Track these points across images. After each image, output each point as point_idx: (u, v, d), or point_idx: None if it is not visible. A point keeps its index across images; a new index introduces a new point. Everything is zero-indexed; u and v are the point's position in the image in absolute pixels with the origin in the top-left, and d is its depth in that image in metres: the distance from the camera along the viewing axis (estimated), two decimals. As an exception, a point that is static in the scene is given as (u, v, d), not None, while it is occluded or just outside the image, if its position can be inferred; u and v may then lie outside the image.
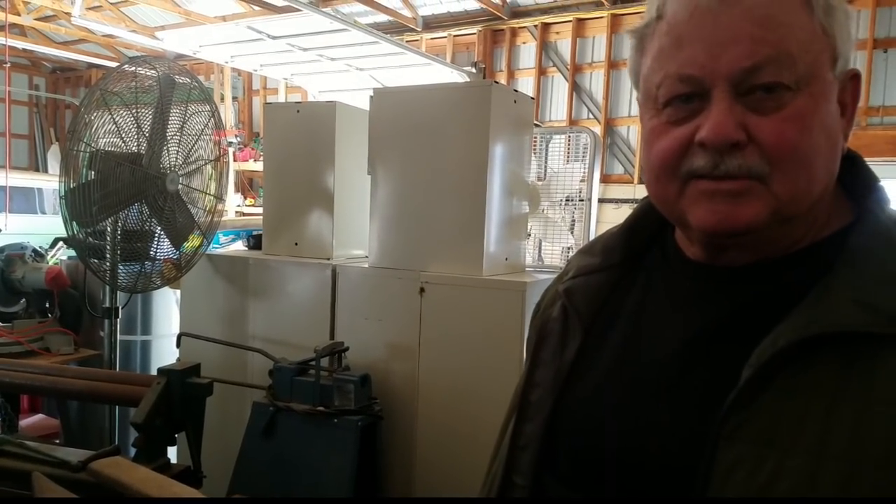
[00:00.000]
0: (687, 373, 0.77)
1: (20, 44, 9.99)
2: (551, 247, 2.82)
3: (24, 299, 3.51)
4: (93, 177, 2.26)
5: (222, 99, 9.18)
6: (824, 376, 0.67)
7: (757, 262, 0.78)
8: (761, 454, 0.67)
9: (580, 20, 7.35)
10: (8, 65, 7.54)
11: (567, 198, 2.74)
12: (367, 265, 2.54)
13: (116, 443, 2.67)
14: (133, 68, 2.38)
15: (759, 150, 0.71)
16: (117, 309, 2.65)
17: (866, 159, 0.83)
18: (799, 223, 0.76)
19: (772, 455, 0.67)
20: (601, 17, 7.21)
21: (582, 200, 2.74)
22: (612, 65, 7.16)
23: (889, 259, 0.71)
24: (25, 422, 3.70)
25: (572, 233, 2.77)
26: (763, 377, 0.69)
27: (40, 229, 6.93)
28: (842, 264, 0.72)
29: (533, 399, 0.92)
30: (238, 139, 9.12)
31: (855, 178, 0.80)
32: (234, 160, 8.73)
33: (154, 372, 2.00)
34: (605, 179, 6.65)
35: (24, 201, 8.66)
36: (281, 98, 9.03)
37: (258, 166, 8.34)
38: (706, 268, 0.82)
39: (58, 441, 3.37)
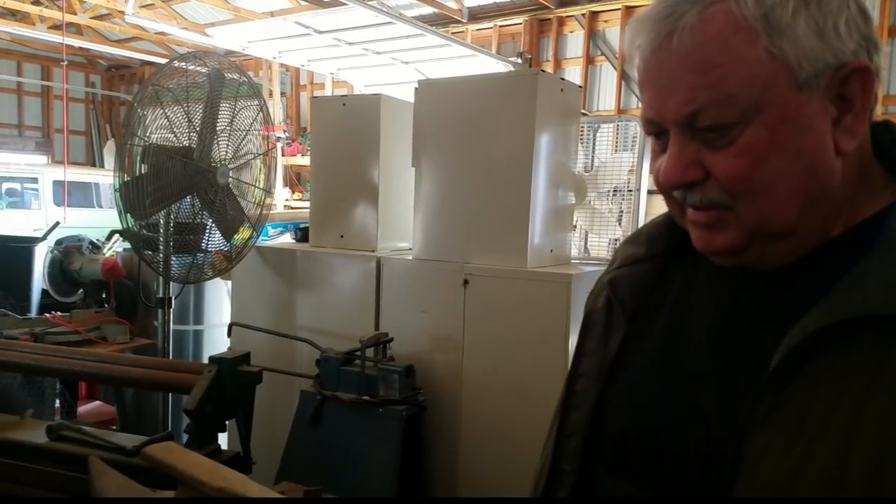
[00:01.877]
0: (725, 361, 0.78)
1: (77, 42, 10.30)
2: (598, 239, 2.79)
3: (81, 290, 3.62)
4: (145, 170, 2.32)
5: (270, 94, 9.31)
6: (857, 362, 0.66)
7: (785, 263, 0.77)
8: (790, 440, 0.67)
9: (629, 8, 7.21)
10: (65, 63, 7.78)
11: (615, 189, 2.70)
12: (410, 257, 2.55)
13: (170, 429, 2.76)
14: (184, 64, 2.43)
15: (717, 183, 0.73)
16: (170, 299, 2.72)
17: None
18: (805, 233, 0.75)
19: (801, 441, 0.66)
20: (650, 4, 7.08)
21: (630, 191, 2.69)
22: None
23: None
24: (84, 408, 3.84)
25: (620, 224, 2.73)
26: (794, 363, 0.69)
27: (97, 223, 7.16)
28: (878, 246, 0.70)
29: (578, 389, 0.93)
30: (286, 134, 9.24)
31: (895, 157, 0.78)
32: (283, 155, 8.85)
33: (206, 361, 2.05)
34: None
35: (82, 196, 8.96)
36: (328, 92, 9.10)
37: (305, 161, 8.45)
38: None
39: (114, 427, 3.48)
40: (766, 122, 0.70)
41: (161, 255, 2.52)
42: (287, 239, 3.22)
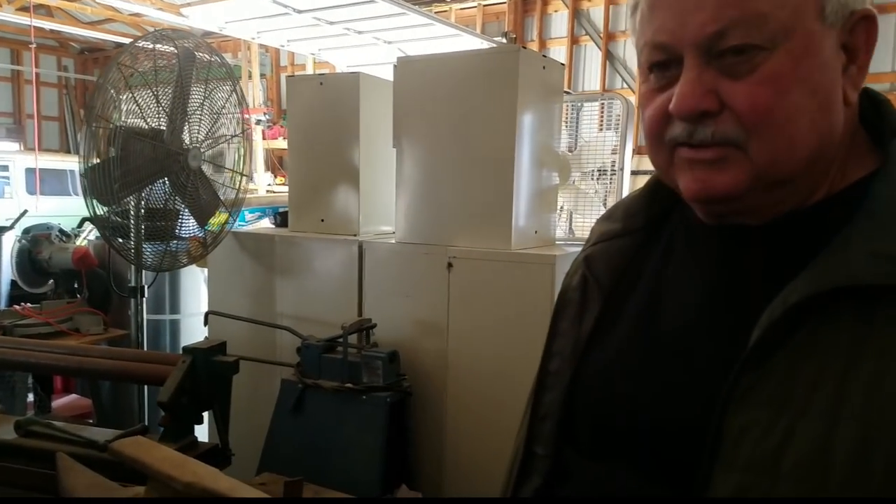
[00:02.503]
0: (703, 335, 0.76)
1: (47, 24, 10.06)
2: (582, 219, 2.74)
3: (51, 280, 3.53)
4: (113, 154, 2.23)
5: (250, 76, 9.16)
6: (841, 334, 0.64)
7: (770, 222, 0.75)
8: (772, 417, 0.64)
9: (612, -14, 7.15)
10: (34, 45, 7.58)
11: (599, 169, 2.65)
12: (393, 241, 2.48)
13: (146, 422, 2.69)
14: (149, 44, 2.33)
15: (733, 116, 0.69)
16: (143, 288, 2.64)
17: None
18: (799, 184, 0.72)
19: (784, 417, 0.64)
20: (634, -17, 7.02)
21: (614, 172, 2.65)
22: (638, 27, 6.93)
23: None
24: (59, 402, 3.75)
25: (604, 205, 2.68)
26: (775, 336, 0.66)
27: (72, 210, 7.00)
28: (862, 215, 0.68)
29: (552, 369, 0.91)
30: (266, 117, 9.11)
31: (881, 124, 0.76)
32: (263, 138, 8.72)
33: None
34: (639, 151, 6.49)
35: (56, 183, 8.77)
36: (309, 73, 8.98)
37: (287, 142, 8.32)
38: (722, 229, 0.79)
39: (91, 421, 3.40)
40: (792, 49, 0.67)
41: (132, 243, 2.44)
42: (265, 224, 3.14)
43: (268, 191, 8.58)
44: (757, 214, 0.75)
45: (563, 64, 2.52)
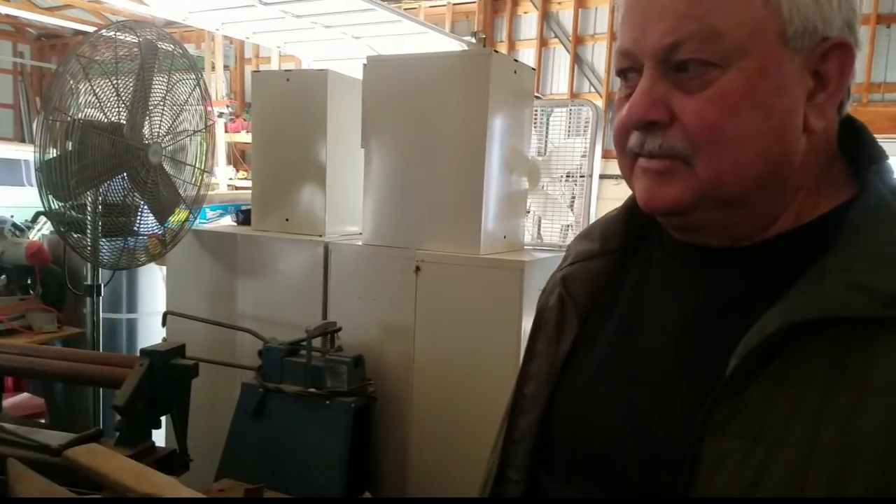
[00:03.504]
0: (679, 363, 0.75)
1: (2, 9, 9.74)
2: (551, 224, 2.74)
3: (3, 276, 3.41)
4: (70, 147, 2.15)
5: (213, 68, 8.99)
6: (817, 364, 0.64)
7: (739, 245, 0.75)
8: (749, 448, 0.64)
9: (581, -10, 7.19)
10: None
11: (567, 174, 2.65)
12: (360, 243, 2.45)
13: (101, 424, 2.61)
14: (112, 33, 2.26)
15: (682, 130, 0.70)
16: (99, 286, 2.56)
17: None
18: (756, 206, 0.72)
19: (759, 449, 0.64)
20: (602, -13, 7.06)
21: (583, 176, 2.65)
22: (615, 37, 7.01)
23: (887, 236, 0.67)
24: (10, 401, 3.62)
25: (572, 210, 2.69)
26: (752, 366, 0.66)
27: (26, 203, 6.77)
28: (838, 243, 0.68)
29: (528, 392, 0.90)
30: (230, 109, 8.96)
31: (859, 152, 0.76)
32: (226, 131, 8.58)
33: (139, 352, 1.94)
34: (607, 155, 6.56)
35: (10, 173, 8.47)
36: (274, 67, 8.84)
37: (250, 138, 8.21)
38: (696, 250, 0.79)
39: (43, 421, 3.30)
40: (746, 69, 0.67)
41: (89, 239, 2.36)
42: (227, 222, 3.07)
43: (229, 185, 8.45)
44: (716, 234, 0.75)
45: (533, 69, 2.51)
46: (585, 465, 0.80)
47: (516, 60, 2.42)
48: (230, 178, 8.69)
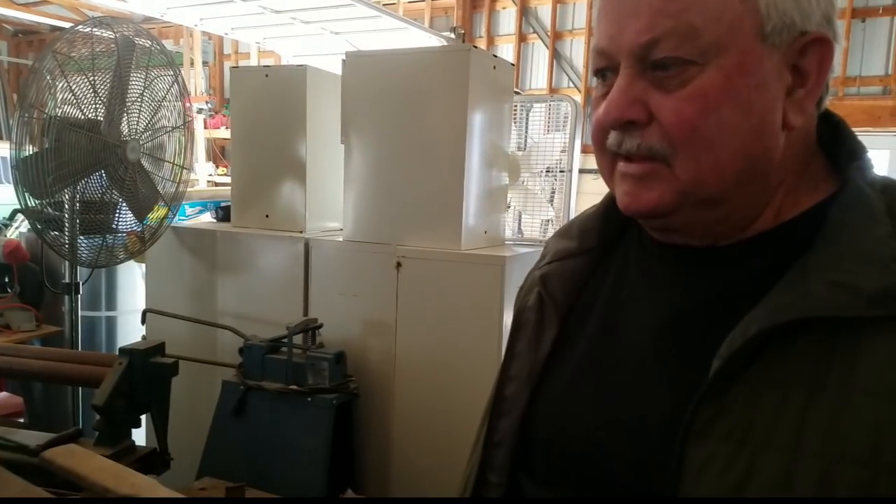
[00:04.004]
0: (660, 363, 0.74)
1: (-22, 5, 9.59)
2: (531, 219, 2.75)
3: (-20, 274, 3.37)
4: (47, 145, 2.13)
5: (192, 64, 8.91)
6: (801, 365, 0.63)
7: (720, 244, 0.74)
8: (734, 451, 0.63)
9: (560, -15, 7.20)
10: (-36, 26, 7.21)
11: (547, 169, 2.66)
12: (341, 238, 2.44)
13: (81, 422, 2.59)
14: (89, 29, 2.23)
15: (660, 129, 0.68)
16: (78, 285, 2.53)
17: None
18: (735, 204, 0.71)
19: (744, 452, 0.63)
20: (581, -18, 7.08)
21: (562, 171, 2.67)
22: (593, 32, 7.01)
23: (869, 233, 0.65)
24: (-13, 400, 3.59)
25: (552, 205, 2.70)
26: (735, 367, 0.65)
27: (4, 200, 6.68)
28: (820, 241, 0.67)
29: (508, 394, 0.88)
30: (209, 105, 8.89)
31: (838, 147, 0.75)
32: (205, 127, 8.51)
33: (118, 351, 1.92)
34: (586, 150, 6.60)
35: (-14, 170, 8.36)
36: (253, 62, 8.76)
37: (230, 134, 8.13)
38: (675, 249, 0.78)
39: (22, 420, 3.26)
40: (724, 66, 0.66)
41: (67, 237, 2.33)
42: (207, 218, 3.05)
43: (209, 181, 8.38)
44: (697, 234, 0.74)
45: (512, 64, 2.52)
46: (567, 468, 0.79)
47: (495, 56, 2.42)
48: (210, 175, 8.62)
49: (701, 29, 0.65)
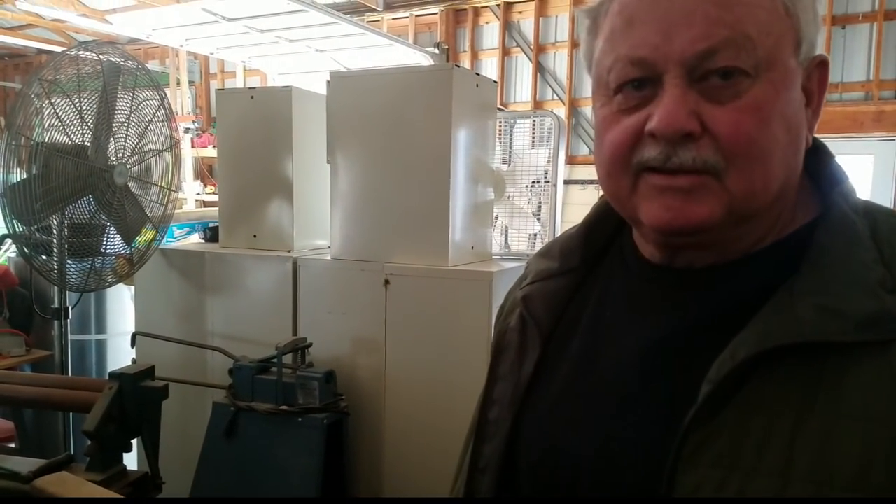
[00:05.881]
0: (647, 387, 0.72)
1: (-37, 29, 9.58)
2: (518, 233, 2.78)
3: (-31, 300, 3.35)
4: (35, 171, 2.13)
5: (178, 83, 8.92)
6: (789, 390, 0.62)
7: (717, 264, 0.73)
8: (724, 477, 0.62)
9: (542, -1, 7.26)
10: (-51, 51, 7.20)
11: (534, 181, 2.69)
12: (329, 257, 2.46)
13: (73, 446, 2.58)
14: (75, 52, 2.25)
15: (713, 142, 0.65)
16: (67, 309, 2.53)
17: (826, 136, 0.78)
18: (759, 222, 0.71)
19: (734, 478, 0.62)
20: (564, -4, 7.15)
21: (548, 181, 2.69)
22: (576, 45, 7.09)
23: (855, 257, 0.65)
24: (-23, 426, 3.56)
25: (538, 219, 2.72)
26: (724, 392, 0.64)
27: (-9, 223, 6.67)
28: (806, 265, 0.67)
29: (492, 417, 0.86)
30: (196, 125, 8.88)
31: (821, 170, 0.75)
32: (193, 146, 8.51)
33: (108, 374, 1.92)
34: (571, 161, 6.62)
35: (-27, 194, 8.32)
36: (239, 81, 8.78)
37: (217, 155, 8.12)
38: (664, 270, 0.77)
39: (13, 445, 3.25)
40: (774, 80, 0.66)
41: (55, 262, 2.33)
42: (195, 240, 3.06)
43: (197, 200, 8.36)
44: (711, 253, 0.73)
45: (495, 81, 2.55)
46: (555, 494, 0.77)
47: (478, 74, 2.45)
48: (198, 193, 8.61)
49: (756, 40, 0.64)
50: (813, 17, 0.69)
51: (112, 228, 2.46)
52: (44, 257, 2.35)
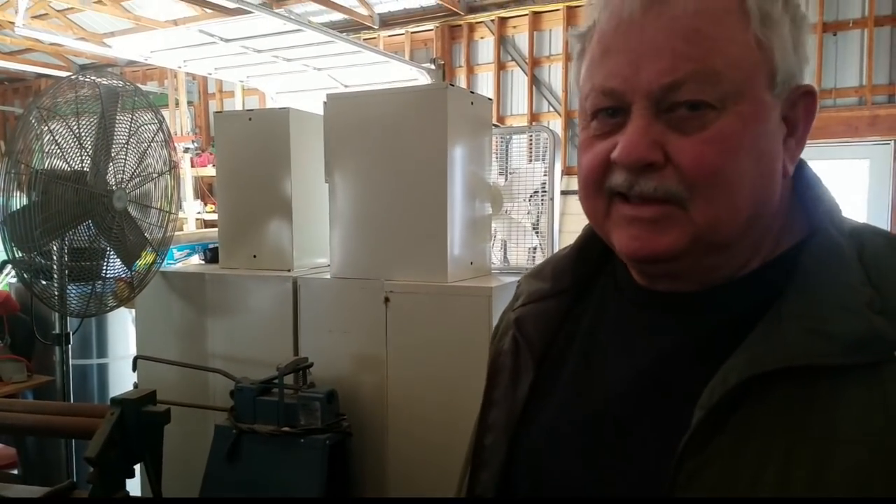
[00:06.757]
0: (639, 414, 0.72)
1: (-38, 55, 9.64)
2: (516, 248, 2.78)
3: (-30, 326, 3.36)
4: (34, 198, 2.15)
5: (177, 104, 8.96)
6: (781, 413, 0.62)
7: (700, 290, 0.73)
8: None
9: (536, 13, 7.30)
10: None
11: (532, 194, 2.70)
12: (329, 276, 2.46)
13: (76, 473, 2.57)
14: (73, 76, 2.26)
15: (676, 172, 0.67)
16: (68, 335, 2.53)
17: (821, 141, 0.78)
18: (736, 250, 0.71)
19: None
20: (557, 10, 7.17)
21: (545, 192, 2.70)
22: (570, 57, 7.09)
23: (842, 280, 0.66)
24: (-20, 453, 3.55)
25: (536, 232, 2.73)
26: (716, 418, 0.64)
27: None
28: (793, 288, 0.67)
29: (487, 443, 0.86)
30: (195, 144, 8.92)
31: (808, 191, 0.76)
32: (192, 166, 8.54)
33: (111, 398, 1.91)
34: (569, 172, 6.64)
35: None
36: (237, 100, 8.83)
37: (216, 176, 8.13)
38: (653, 294, 0.77)
39: (16, 472, 3.24)
40: (742, 113, 0.66)
41: (56, 287, 2.34)
42: (195, 261, 3.06)
43: (197, 219, 8.38)
44: (691, 280, 0.73)
45: (490, 98, 2.56)
46: None
47: (473, 92, 2.47)
48: (198, 212, 8.63)
49: (722, 74, 0.65)
50: (793, 48, 0.69)
51: (112, 253, 2.47)
52: (44, 283, 2.36)
